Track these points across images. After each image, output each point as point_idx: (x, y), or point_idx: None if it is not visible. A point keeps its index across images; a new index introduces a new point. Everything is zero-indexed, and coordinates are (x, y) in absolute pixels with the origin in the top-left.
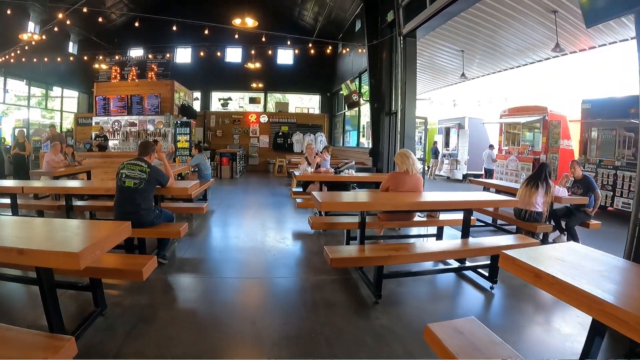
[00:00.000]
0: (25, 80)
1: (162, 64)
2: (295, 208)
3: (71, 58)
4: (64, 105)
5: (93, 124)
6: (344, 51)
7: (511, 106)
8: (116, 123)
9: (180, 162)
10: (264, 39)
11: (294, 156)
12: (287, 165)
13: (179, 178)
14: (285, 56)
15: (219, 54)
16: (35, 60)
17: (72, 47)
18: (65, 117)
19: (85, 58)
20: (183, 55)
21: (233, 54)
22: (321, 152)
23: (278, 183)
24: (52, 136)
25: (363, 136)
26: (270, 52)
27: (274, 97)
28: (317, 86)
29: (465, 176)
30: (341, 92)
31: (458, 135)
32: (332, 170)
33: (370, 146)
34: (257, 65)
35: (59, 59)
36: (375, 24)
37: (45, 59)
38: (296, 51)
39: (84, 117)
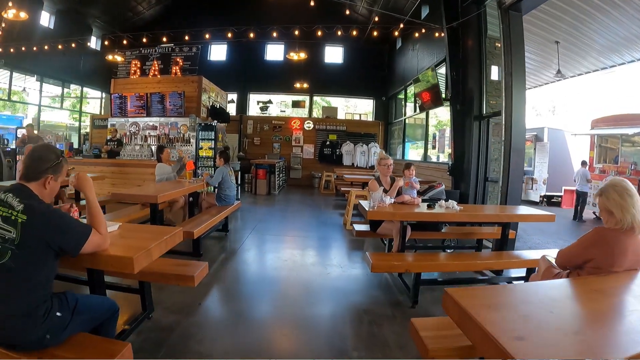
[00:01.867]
0: (36, 76)
1: (189, 57)
2: (352, 249)
3: (75, 45)
4: (86, 106)
5: (108, 125)
6: (417, 34)
7: (606, 115)
8: (134, 125)
9: (192, 177)
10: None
11: (344, 170)
12: (335, 181)
13: (190, 200)
14: (333, 54)
15: (257, 47)
16: (50, 54)
17: (94, 43)
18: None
19: (108, 54)
20: (218, 52)
21: (274, 51)
22: (406, 171)
23: (325, 204)
24: (26, 138)
25: (433, 148)
26: (316, 46)
27: (318, 105)
28: (370, 89)
29: (543, 198)
30: (399, 96)
31: (535, 149)
32: (419, 199)
33: (451, 161)
34: (302, 60)
35: (78, 55)
36: (455, 1)
37: (58, 48)
38: (354, 32)
39: (101, 119)
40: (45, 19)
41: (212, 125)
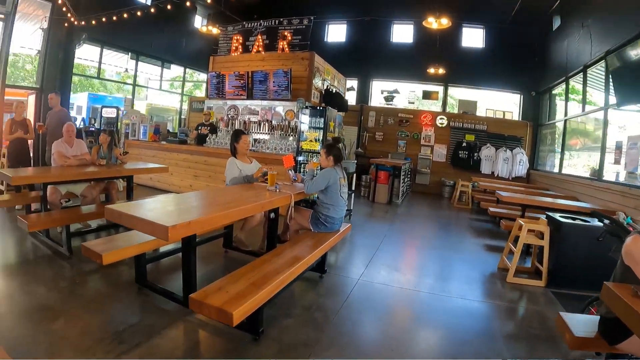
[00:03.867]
0: (130, 54)
1: (299, 30)
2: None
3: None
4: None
5: (205, 108)
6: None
7: None
8: (232, 109)
9: (276, 183)
10: None
11: (482, 179)
12: (472, 192)
13: (271, 217)
14: (472, 36)
15: (382, 26)
16: (147, 32)
17: (199, 23)
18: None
19: (204, 27)
20: (336, 32)
21: (402, 32)
22: None
23: (461, 224)
24: (52, 114)
25: (616, 162)
26: (452, 27)
27: (454, 101)
28: (516, 81)
29: None
30: (554, 91)
31: None
32: None
33: None
34: (440, 31)
35: (179, 34)
36: None
37: (156, 26)
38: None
39: (198, 101)
40: None
41: (321, 110)
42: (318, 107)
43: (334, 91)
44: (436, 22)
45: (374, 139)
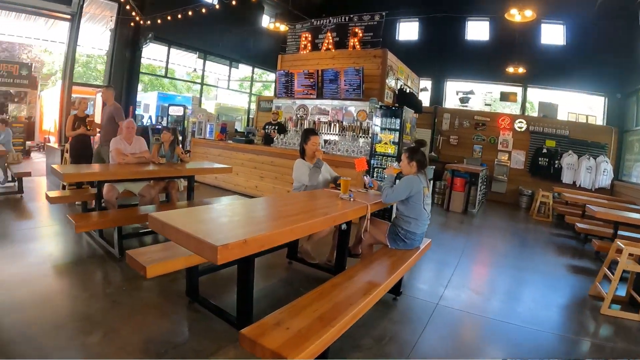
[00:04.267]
0: (197, 53)
1: (370, 27)
2: None
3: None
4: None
5: (273, 107)
6: None
7: None
8: (302, 109)
9: (349, 191)
10: None
11: (563, 189)
12: (553, 203)
13: (342, 229)
14: (552, 33)
15: (455, 23)
16: (214, 32)
17: (266, 22)
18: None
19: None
20: (407, 30)
21: (477, 29)
22: None
23: (540, 239)
24: (105, 110)
25: None
26: (531, 24)
27: (527, 105)
28: (600, 81)
29: None
30: None
31: None
32: None
33: None
34: (522, 23)
35: (247, 33)
36: None
37: (223, 26)
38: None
39: (266, 100)
40: None
41: (395, 110)
42: (393, 107)
43: (407, 91)
44: (519, 15)
45: (448, 143)
